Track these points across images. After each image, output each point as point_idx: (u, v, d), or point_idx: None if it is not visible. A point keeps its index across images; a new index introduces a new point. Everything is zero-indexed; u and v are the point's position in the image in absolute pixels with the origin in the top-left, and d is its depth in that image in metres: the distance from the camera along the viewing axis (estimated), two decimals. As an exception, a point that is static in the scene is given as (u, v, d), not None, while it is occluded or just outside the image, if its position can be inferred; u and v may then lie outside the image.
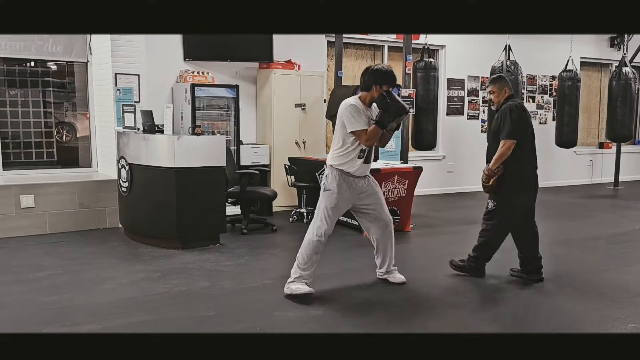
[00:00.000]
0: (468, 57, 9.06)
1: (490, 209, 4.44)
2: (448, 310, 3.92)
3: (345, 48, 8.05)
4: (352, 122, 3.97)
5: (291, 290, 4.02)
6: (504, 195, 4.34)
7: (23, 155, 6.62)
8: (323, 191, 4.11)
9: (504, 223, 4.43)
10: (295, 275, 4.06)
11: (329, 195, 4.06)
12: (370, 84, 4.01)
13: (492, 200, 4.42)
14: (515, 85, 7.64)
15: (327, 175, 4.12)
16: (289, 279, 4.09)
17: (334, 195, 4.05)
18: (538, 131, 10.19)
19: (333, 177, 4.07)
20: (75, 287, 4.24)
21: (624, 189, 10.04)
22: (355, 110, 3.99)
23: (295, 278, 4.05)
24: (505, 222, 4.42)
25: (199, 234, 5.40)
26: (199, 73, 6.71)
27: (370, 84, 4.01)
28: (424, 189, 8.01)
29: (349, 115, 3.98)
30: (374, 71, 4.03)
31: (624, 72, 9.01)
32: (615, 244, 5.91)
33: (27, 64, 6.56)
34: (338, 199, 4.06)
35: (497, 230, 4.45)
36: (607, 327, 3.62)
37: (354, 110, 3.99)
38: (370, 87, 4.02)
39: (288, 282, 4.08)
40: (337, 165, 4.07)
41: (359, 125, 3.98)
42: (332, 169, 4.09)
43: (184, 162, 5.21)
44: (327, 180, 4.10)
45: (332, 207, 4.05)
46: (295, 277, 4.06)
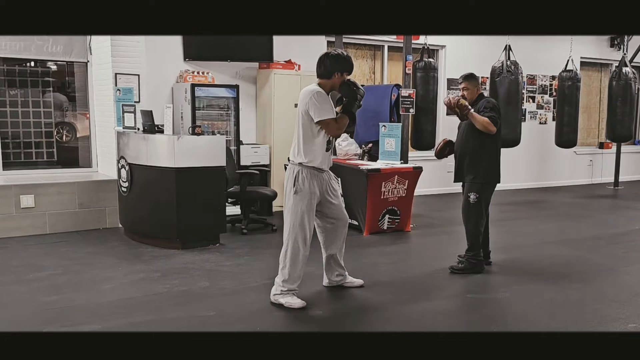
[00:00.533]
0: (468, 57, 9.04)
1: (473, 201, 4.63)
2: (448, 310, 3.92)
3: (345, 48, 8.05)
4: (319, 110, 3.70)
5: (279, 302, 3.83)
6: (483, 187, 4.64)
7: (23, 155, 6.62)
8: (294, 194, 3.77)
9: (484, 211, 4.72)
10: (278, 291, 3.85)
11: (302, 198, 3.77)
12: (332, 71, 3.80)
13: (475, 192, 4.63)
14: (516, 85, 7.65)
15: (297, 176, 3.78)
16: (276, 290, 3.87)
17: (307, 197, 3.78)
18: (538, 131, 10.15)
19: (304, 177, 3.77)
20: (75, 287, 4.24)
21: (624, 189, 10.04)
22: (322, 97, 3.73)
23: (283, 291, 3.84)
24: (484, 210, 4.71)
25: (199, 234, 5.40)
26: (199, 73, 6.71)
27: (332, 70, 3.80)
28: (424, 189, 8.01)
29: (315, 103, 3.69)
30: (335, 57, 3.82)
31: (624, 72, 9.01)
32: (615, 244, 5.91)
33: (27, 64, 6.56)
34: (312, 199, 3.81)
35: (481, 220, 4.71)
36: (607, 327, 3.62)
37: (321, 98, 3.73)
38: (332, 75, 3.80)
39: (275, 294, 3.87)
40: (307, 162, 3.78)
41: (328, 113, 3.73)
42: (301, 167, 3.79)
43: (184, 162, 5.21)
44: (297, 181, 3.77)
45: (309, 211, 3.79)
46: (278, 292, 3.86)
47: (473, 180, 4.67)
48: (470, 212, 4.69)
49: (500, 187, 9.40)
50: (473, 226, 4.69)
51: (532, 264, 5.11)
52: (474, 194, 4.64)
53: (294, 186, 3.78)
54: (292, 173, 3.82)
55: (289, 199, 3.82)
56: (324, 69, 3.83)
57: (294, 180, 3.78)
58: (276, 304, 3.87)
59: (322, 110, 3.72)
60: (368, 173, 5.90)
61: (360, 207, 6.07)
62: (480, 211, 4.68)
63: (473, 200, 4.65)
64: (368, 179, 5.88)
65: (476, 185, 4.66)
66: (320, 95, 3.74)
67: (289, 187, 3.83)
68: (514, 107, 7.65)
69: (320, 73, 3.86)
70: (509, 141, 7.71)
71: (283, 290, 3.85)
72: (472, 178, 4.67)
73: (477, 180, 4.66)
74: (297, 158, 3.83)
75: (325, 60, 3.83)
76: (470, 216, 4.69)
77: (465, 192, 4.72)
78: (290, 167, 3.86)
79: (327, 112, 3.74)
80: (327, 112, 3.74)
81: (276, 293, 3.88)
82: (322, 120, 3.73)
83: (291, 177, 3.81)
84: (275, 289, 3.90)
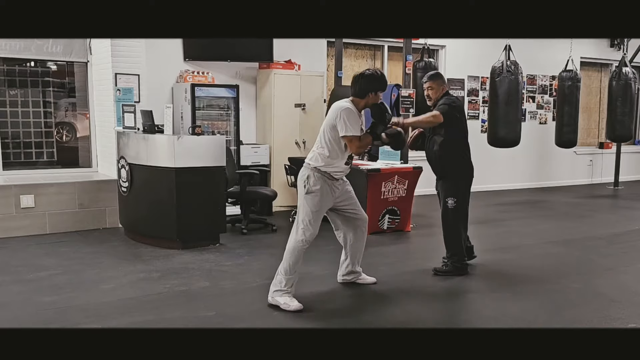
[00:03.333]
0: (468, 57, 9.06)
1: (452, 206, 4.57)
2: (448, 309, 3.92)
3: (345, 48, 8.06)
4: (346, 126, 3.81)
5: (277, 303, 3.83)
6: (457, 188, 4.59)
7: (23, 155, 6.62)
8: (305, 194, 3.89)
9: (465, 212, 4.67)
10: (279, 287, 3.86)
11: (312, 198, 3.87)
12: (366, 91, 3.90)
13: (452, 197, 4.57)
14: (516, 85, 7.64)
15: (309, 177, 3.89)
16: (273, 289, 3.89)
17: (317, 198, 3.87)
18: (538, 131, 10.15)
19: (316, 179, 3.87)
20: (75, 287, 4.24)
21: (624, 189, 10.04)
22: (351, 114, 3.84)
23: (281, 290, 3.86)
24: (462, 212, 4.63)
25: (199, 234, 5.40)
26: (199, 73, 6.71)
27: (367, 91, 3.90)
28: (424, 189, 7.99)
29: (345, 119, 3.81)
30: (370, 77, 3.92)
31: (624, 72, 9.00)
32: (615, 244, 5.91)
33: (27, 64, 6.56)
34: (321, 201, 3.90)
35: (460, 223, 4.63)
36: (607, 327, 3.61)
37: (350, 115, 3.84)
38: (366, 94, 3.91)
39: (273, 292, 3.89)
40: (321, 166, 3.89)
41: (353, 130, 3.83)
42: (314, 171, 3.89)
43: (184, 162, 5.21)
44: (308, 182, 3.89)
45: (316, 211, 3.88)
46: (278, 289, 3.86)
47: (445, 183, 4.64)
48: (451, 218, 4.60)
49: (500, 187, 9.54)
50: (454, 231, 4.61)
51: (532, 263, 5.10)
52: (451, 198, 4.57)
53: (304, 187, 3.89)
54: (305, 175, 3.93)
55: (301, 198, 3.93)
56: (359, 89, 3.92)
57: (306, 180, 3.89)
58: (273, 305, 3.84)
59: (349, 127, 3.81)
60: (368, 173, 5.90)
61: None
62: (460, 214, 4.61)
63: (452, 205, 4.57)
64: (368, 179, 5.88)
65: (450, 188, 4.60)
66: (349, 112, 3.84)
67: (300, 187, 3.94)
68: (514, 107, 7.63)
69: (354, 92, 3.96)
70: (509, 141, 7.72)
71: (280, 287, 3.85)
72: (443, 181, 4.66)
73: (449, 183, 4.61)
74: (312, 161, 3.93)
75: (360, 80, 3.92)
76: (451, 222, 4.60)
77: (442, 198, 4.64)
78: (305, 168, 3.96)
79: (352, 129, 3.83)
80: (352, 129, 3.83)
81: (274, 290, 3.87)
82: (346, 135, 3.83)
83: (304, 178, 3.92)
84: (273, 287, 3.89)
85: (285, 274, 3.87)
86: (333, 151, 3.88)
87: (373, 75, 3.93)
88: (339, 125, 3.83)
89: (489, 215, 7.33)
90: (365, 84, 3.90)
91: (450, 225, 4.63)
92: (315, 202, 3.87)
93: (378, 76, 3.93)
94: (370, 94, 3.91)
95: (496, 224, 6.86)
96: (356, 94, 3.95)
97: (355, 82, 3.94)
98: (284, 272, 3.87)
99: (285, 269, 3.87)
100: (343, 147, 3.90)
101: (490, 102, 7.99)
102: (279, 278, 3.89)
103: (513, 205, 8.17)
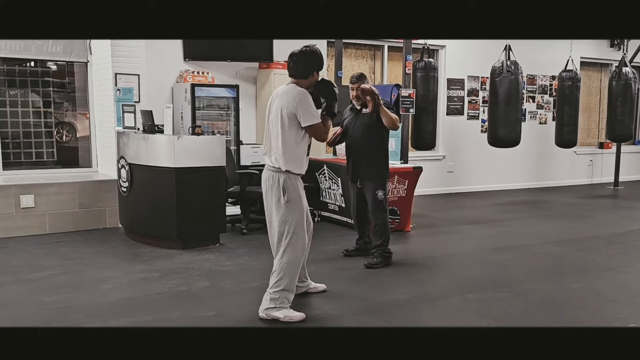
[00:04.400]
0: (468, 57, 9.06)
1: (381, 198, 4.83)
2: (448, 309, 3.92)
3: (345, 48, 8.05)
4: (309, 114, 3.43)
5: (276, 317, 3.54)
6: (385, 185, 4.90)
7: (23, 155, 6.62)
8: (286, 202, 3.50)
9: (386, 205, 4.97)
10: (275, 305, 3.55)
11: (296, 204, 3.55)
12: (311, 70, 3.55)
13: (381, 190, 4.85)
14: (516, 85, 7.65)
15: (285, 183, 3.50)
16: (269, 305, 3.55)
17: (301, 202, 3.58)
18: (538, 131, 10.14)
19: (293, 185, 3.54)
20: (75, 287, 4.24)
21: (624, 189, 10.04)
22: (308, 98, 3.46)
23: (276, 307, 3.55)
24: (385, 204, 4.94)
25: (199, 234, 5.40)
26: (199, 73, 6.71)
27: (311, 69, 3.55)
28: (424, 189, 8.01)
29: (306, 106, 3.42)
30: (312, 54, 3.55)
31: (624, 72, 9.01)
32: (615, 244, 5.91)
33: (27, 64, 6.56)
34: (304, 202, 3.62)
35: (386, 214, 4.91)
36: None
37: (308, 99, 3.45)
38: (310, 73, 3.55)
39: (267, 308, 3.56)
40: (294, 169, 3.53)
41: (316, 117, 3.47)
42: (288, 175, 3.52)
43: (184, 162, 5.21)
44: (287, 189, 3.50)
45: (301, 217, 3.58)
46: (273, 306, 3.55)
47: (378, 178, 4.86)
48: (381, 208, 4.86)
49: (500, 187, 9.53)
50: (383, 220, 4.87)
51: (531, 263, 5.10)
52: (381, 191, 4.85)
53: (284, 196, 3.52)
54: (276, 182, 3.53)
55: (279, 208, 3.54)
56: (302, 68, 3.56)
57: (282, 190, 3.52)
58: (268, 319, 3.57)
59: (312, 114, 3.47)
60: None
61: (360, 207, 6.07)
62: (386, 205, 4.90)
63: (381, 197, 4.85)
64: (368, 179, 5.88)
65: (381, 181, 4.87)
66: (308, 98, 3.49)
67: (275, 197, 3.54)
68: (514, 107, 7.64)
69: (296, 73, 3.57)
70: (509, 141, 7.72)
71: (277, 304, 3.56)
72: (377, 176, 4.86)
73: (382, 178, 4.88)
74: (280, 164, 3.52)
75: (301, 58, 3.55)
76: (381, 212, 4.86)
77: (372, 191, 4.85)
78: (273, 175, 3.56)
79: (314, 116, 3.49)
80: (315, 117, 3.49)
81: (269, 307, 3.56)
82: (311, 125, 3.49)
83: (277, 187, 3.53)
84: (267, 304, 3.58)
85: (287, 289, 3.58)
86: (294, 145, 3.51)
87: (314, 51, 3.58)
88: (302, 115, 3.44)
89: (489, 215, 7.33)
90: (308, 63, 3.55)
91: (379, 215, 4.86)
92: (301, 206, 3.59)
93: (319, 52, 3.60)
94: (315, 72, 3.57)
95: (496, 224, 6.86)
96: (299, 75, 3.56)
97: (297, 61, 3.55)
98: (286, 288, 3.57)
99: (286, 285, 3.57)
100: (302, 138, 3.53)
101: (490, 102, 8.00)
102: (274, 296, 3.55)
103: (513, 205, 8.17)
